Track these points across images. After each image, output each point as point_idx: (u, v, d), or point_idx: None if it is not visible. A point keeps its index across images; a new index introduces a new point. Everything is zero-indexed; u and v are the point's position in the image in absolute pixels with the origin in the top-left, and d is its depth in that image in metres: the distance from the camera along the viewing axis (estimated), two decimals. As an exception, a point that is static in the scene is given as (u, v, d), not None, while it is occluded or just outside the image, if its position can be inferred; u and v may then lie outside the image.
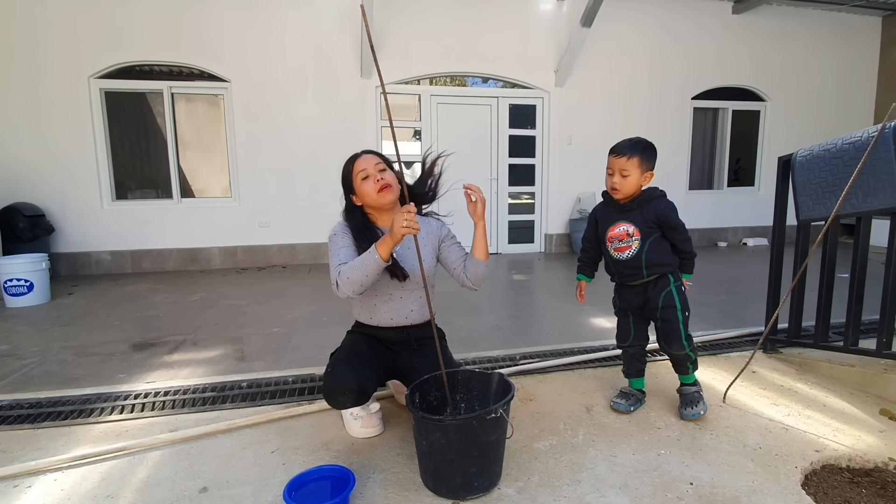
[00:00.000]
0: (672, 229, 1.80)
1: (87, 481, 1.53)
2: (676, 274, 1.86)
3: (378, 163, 1.76)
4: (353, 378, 1.64)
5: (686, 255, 1.85)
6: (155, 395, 2.14)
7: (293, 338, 2.95)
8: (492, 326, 3.14)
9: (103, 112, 5.18)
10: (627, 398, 1.92)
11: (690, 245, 1.86)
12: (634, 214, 1.81)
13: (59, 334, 3.11)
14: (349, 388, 1.63)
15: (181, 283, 4.67)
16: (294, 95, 5.51)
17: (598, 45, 6.10)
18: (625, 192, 1.78)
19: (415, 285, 1.79)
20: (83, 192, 5.14)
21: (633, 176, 1.75)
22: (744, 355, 2.45)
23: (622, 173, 1.76)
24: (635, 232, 1.80)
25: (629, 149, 1.75)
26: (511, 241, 6.49)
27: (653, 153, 1.77)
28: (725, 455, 1.59)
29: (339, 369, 1.67)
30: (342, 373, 1.66)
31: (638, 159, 1.74)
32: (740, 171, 7.38)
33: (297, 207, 5.65)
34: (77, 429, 1.87)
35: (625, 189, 1.77)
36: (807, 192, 2.24)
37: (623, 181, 1.76)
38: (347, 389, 1.63)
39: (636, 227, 1.80)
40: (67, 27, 4.91)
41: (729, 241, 7.03)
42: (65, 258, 5.12)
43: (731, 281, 4.52)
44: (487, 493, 1.41)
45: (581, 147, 6.29)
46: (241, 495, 1.43)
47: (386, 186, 1.72)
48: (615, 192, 1.80)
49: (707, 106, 6.83)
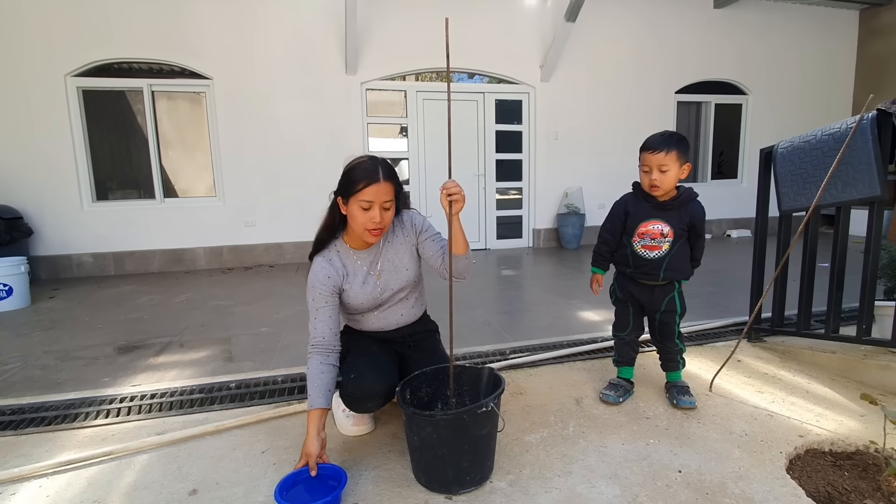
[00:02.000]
0: (699, 235, 1.84)
1: (72, 487, 1.50)
2: (679, 280, 1.90)
3: (388, 200, 1.54)
4: (381, 383, 1.60)
5: (697, 262, 1.90)
6: (141, 398, 2.10)
7: (282, 337, 2.93)
8: (482, 322, 3.14)
9: (81, 111, 5.06)
10: (616, 389, 1.94)
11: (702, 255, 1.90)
12: (672, 215, 1.79)
13: (41, 339, 3.04)
14: (379, 393, 1.60)
15: (166, 285, 4.60)
16: (278, 92, 5.44)
17: (583, 40, 6.12)
18: (665, 187, 1.75)
19: (402, 294, 1.75)
20: (62, 194, 5.02)
21: (672, 170, 1.72)
22: (729, 345, 2.49)
23: (661, 168, 1.72)
24: (670, 233, 1.79)
25: (664, 143, 1.72)
26: (499, 236, 6.50)
27: (687, 145, 1.76)
28: (712, 442, 1.62)
29: (366, 376, 1.61)
30: (370, 379, 1.60)
31: (676, 153, 1.72)
32: (723, 164, 7.49)
33: (283, 206, 5.58)
34: (61, 434, 1.83)
35: (665, 184, 1.74)
36: (788, 182, 2.28)
37: (663, 177, 1.73)
38: (377, 395, 1.60)
39: (671, 228, 1.79)
40: (42, 24, 4.78)
41: (713, 233, 7.13)
42: (44, 261, 5.01)
43: (716, 272, 4.59)
44: (479, 486, 1.41)
45: (567, 142, 6.31)
46: (232, 496, 1.42)
47: (378, 231, 1.56)
48: (655, 190, 1.76)
49: (690, 100, 6.91)
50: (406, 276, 1.71)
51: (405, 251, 1.72)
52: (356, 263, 1.68)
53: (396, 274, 1.70)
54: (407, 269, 1.71)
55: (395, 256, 1.71)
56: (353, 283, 1.66)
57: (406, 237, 1.72)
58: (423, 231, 1.71)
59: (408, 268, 1.72)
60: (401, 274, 1.71)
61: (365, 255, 1.69)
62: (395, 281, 1.70)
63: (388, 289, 1.70)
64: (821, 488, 1.43)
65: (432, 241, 1.70)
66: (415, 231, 1.72)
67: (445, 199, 1.45)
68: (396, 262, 1.70)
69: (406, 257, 1.72)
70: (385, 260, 1.70)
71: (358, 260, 1.68)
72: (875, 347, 2.14)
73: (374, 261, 1.69)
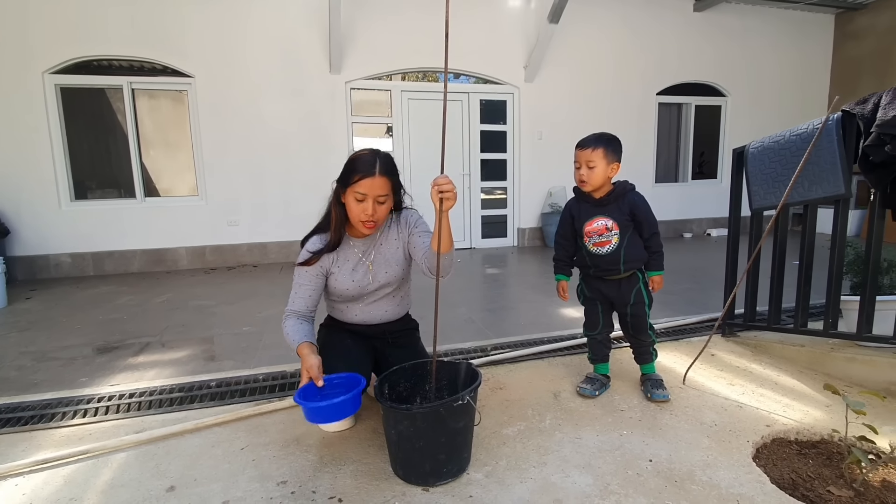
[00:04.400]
0: (644, 222, 1.86)
1: (49, 485, 1.49)
2: (643, 271, 1.93)
3: (383, 195, 1.59)
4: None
5: (655, 249, 1.89)
6: (119, 397, 2.09)
7: (263, 336, 2.92)
8: (465, 319, 3.17)
9: (59, 109, 4.96)
10: (593, 383, 1.98)
11: (659, 240, 1.91)
12: (612, 208, 1.86)
13: (17, 340, 2.99)
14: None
15: (146, 285, 4.54)
16: (261, 91, 5.41)
17: (566, 42, 6.20)
18: (592, 183, 1.83)
19: (388, 287, 1.80)
20: (39, 193, 4.93)
21: (599, 167, 1.81)
22: (704, 340, 2.54)
23: (588, 164, 1.81)
24: (614, 226, 1.85)
25: (594, 141, 1.82)
26: (484, 235, 6.54)
27: (617, 145, 1.84)
28: (683, 433, 1.67)
29: (336, 368, 1.65)
30: (340, 371, 1.64)
31: (602, 150, 1.80)
32: (704, 164, 7.64)
33: (267, 205, 5.55)
34: (37, 434, 1.82)
35: (592, 180, 1.82)
36: (758, 181, 2.35)
37: (590, 172, 1.81)
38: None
39: (615, 221, 1.85)
40: (19, 20, 4.69)
41: (694, 231, 7.27)
42: (21, 262, 4.91)
43: (695, 270, 4.68)
44: (456, 478, 1.44)
45: (551, 142, 6.39)
46: (210, 492, 1.42)
47: (371, 224, 1.62)
48: (584, 185, 1.86)
49: (671, 101, 7.04)
50: (395, 272, 1.76)
51: (398, 247, 1.77)
52: (352, 250, 1.73)
53: (387, 267, 1.75)
54: (397, 264, 1.76)
55: (388, 251, 1.76)
56: (342, 267, 1.71)
57: (400, 234, 1.77)
58: (415, 226, 1.76)
59: (398, 263, 1.77)
60: (391, 268, 1.75)
61: (361, 244, 1.75)
62: (383, 274, 1.75)
63: (377, 280, 1.74)
64: (785, 475, 1.48)
65: (420, 235, 1.74)
66: (408, 227, 1.77)
67: (436, 196, 1.44)
68: (388, 257, 1.76)
69: (399, 254, 1.77)
70: (378, 252, 1.76)
71: (354, 247, 1.74)
72: (841, 341, 2.21)
73: (367, 251, 1.75)
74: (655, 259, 1.91)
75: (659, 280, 1.93)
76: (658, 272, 1.92)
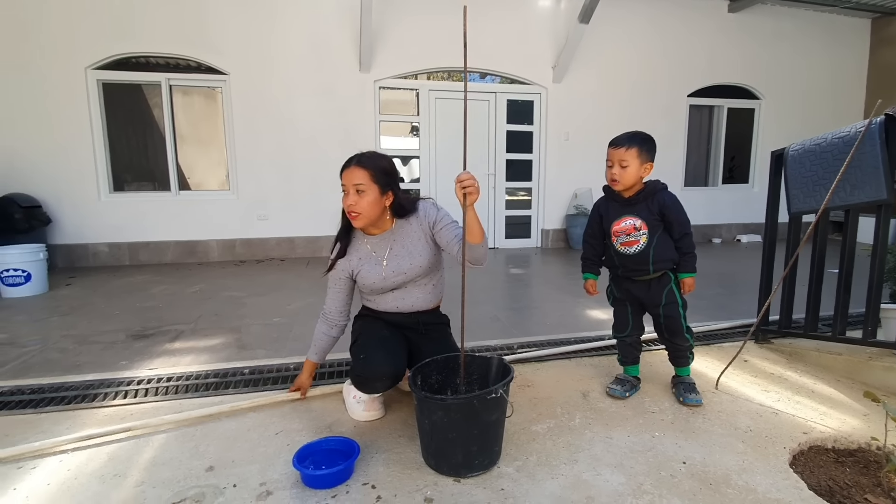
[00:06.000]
0: (674, 222, 1.81)
1: (93, 462, 1.55)
2: (675, 271, 1.88)
3: (358, 183, 1.65)
4: (389, 364, 1.68)
5: (686, 251, 1.84)
6: (158, 380, 2.16)
7: (293, 328, 2.98)
8: (490, 317, 3.18)
9: (101, 103, 5.16)
10: (623, 384, 1.97)
11: (691, 241, 1.85)
12: (640, 208, 1.83)
13: (59, 324, 3.12)
14: (386, 374, 1.67)
15: (180, 276, 4.68)
16: (293, 89, 5.51)
17: (596, 42, 6.14)
18: (624, 182, 1.81)
19: (418, 278, 1.83)
20: (80, 184, 5.13)
21: (632, 166, 1.79)
22: (736, 345, 2.50)
23: (621, 164, 1.79)
24: (642, 226, 1.82)
25: (627, 140, 1.80)
26: (508, 236, 6.53)
27: (651, 145, 1.81)
28: (717, 437, 1.65)
29: (374, 356, 1.69)
30: (378, 360, 1.68)
31: (636, 150, 1.78)
32: (735, 169, 7.47)
33: (295, 201, 5.66)
34: (81, 413, 1.89)
35: (624, 180, 1.80)
36: (798, 185, 2.29)
37: (622, 172, 1.80)
38: (385, 375, 1.67)
39: (643, 221, 1.82)
40: (63, 17, 4.89)
41: (723, 237, 7.11)
42: (61, 250, 5.11)
43: (724, 275, 4.59)
44: (487, 471, 1.45)
45: (578, 143, 6.34)
46: (248, 473, 1.47)
47: (355, 214, 1.67)
48: (615, 184, 1.83)
49: (702, 103, 6.91)
50: (419, 262, 1.79)
51: (419, 238, 1.80)
52: (366, 247, 1.81)
53: (409, 259, 1.79)
54: (420, 255, 1.79)
55: (410, 243, 1.80)
56: (365, 265, 1.80)
57: (420, 226, 1.80)
58: (438, 221, 1.78)
59: (421, 254, 1.79)
60: (414, 259, 1.79)
61: (377, 241, 1.80)
62: (406, 265, 1.78)
63: (400, 272, 1.78)
64: (823, 483, 1.45)
65: (447, 229, 1.77)
66: (429, 222, 1.79)
67: (460, 191, 1.50)
68: (410, 248, 1.80)
69: (420, 244, 1.80)
70: (399, 246, 1.80)
71: (368, 244, 1.81)
72: (880, 349, 2.15)
73: (384, 246, 1.80)
74: (686, 260, 1.85)
75: (690, 282, 1.87)
76: (689, 274, 1.86)
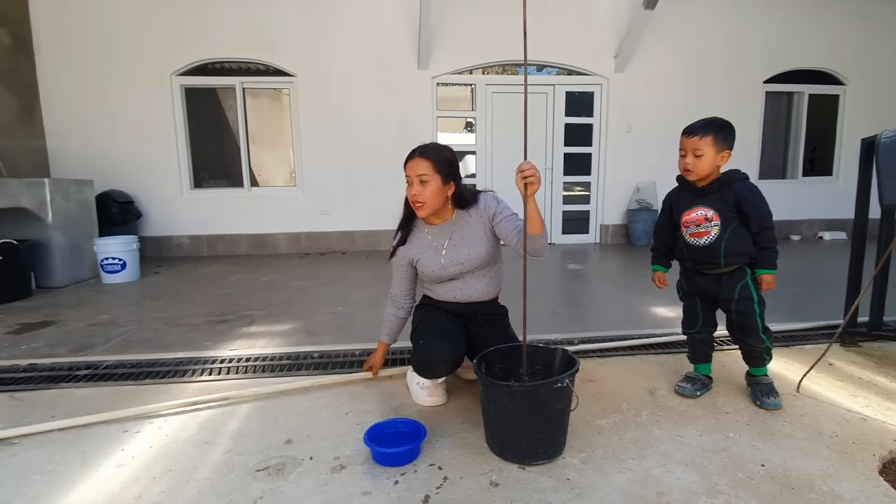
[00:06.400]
0: (752, 215, 1.70)
1: (186, 429, 1.71)
2: (752, 267, 1.76)
3: (422, 174, 1.71)
4: (448, 351, 1.74)
5: (765, 245, 1.71)
6: (238, 360, 2.34)
7: (357, 316, 3.11)
8: (549, 312, 3.15)
9: (183, 107, 5.60)
10: (693, 383, 1.89)
11: (772, 235, 1.72)
12: (714, 198, 1.74)
13: (151, 307, 3.44)
14: (445, 359, 1.73)
15: (252, 266, 5.00)
16: (354, 88, 5.71)
17: (662, 28, 5.87)
18: (699, 172, 1.73)
19: (476, 269, 1.86)
20: (166, 181, 5.61)
21: (706, 156, 1.70)
22: (819, 348, 2.32)
23: (695, 153, 1.71)
24: (714, 216, 1.73)
25: (702, 128, 1.71)
26: (565, 231, 6.42)
27: (729, 131, 1.72)
28: (799, 441, 1.55)
29: (434, 343, 1.76)
30: (437, 346, 1.75)
31: (712, 138, 1.69)
32: (816, 160, 6.89)
33: (355, 196, 5.87)
34: (173, 386, 2.09)
35: (699, 170, 1.72)
36: (891, 175, 2.09)
37: (696, 161, 1.71)
38: (443, 361, 1.73)
39: (715, 212, 1.73)
40: (150, 30, 5.35)
41: (803, 234, 6.60)
42: (149, 241, 5.61)
43: (805, 274, 4.26)
44: (552, 460, 1.46)
45: (641, 135, 6.10)
46: (322, 448, 1.56)
47: (419, 204, 1.73)
48: (689, 174, 1.76)
49: (781, 90, 6.43)
50: (478, 253, 1.83)
51: (479, 230, 1.84)
52: (427, 237, 1.88)
53: (468, 250, 1.83)
54: (479, 245, 1.83)
55: (469, 234, 1.84)
56: (424, 254, 1.87)
57: (480, 218, 1.84)
58: (498, 213, 1.81)
59: (480, 245, 1.83)
60: (473, 250, 1.83)
61: (437, 231, 1.87)
62: (465, 256, 1.83)
63: (458, 262, 1.83)
64: (921, 495, 1.33)
65: (506, 221, 1.79)
66: (488, 214, 1.82)
67: (521, 182, 1.50)
68: (469, 239, 1.84)
69: (479, 235, 1.83)
70: (458, 236, 1.84)
71: (429, 234, 1.88)
72: None
73: (444, 236, 1.86)
74: (765, 256, 1.72)
75: (769, 279, 1.73)
76: (768, 271, 1.72)
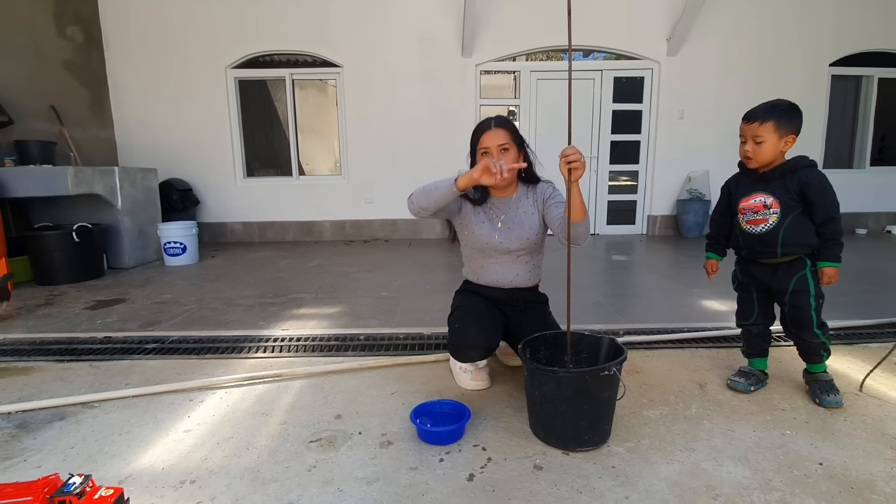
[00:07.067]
0: (816, 204, 1.61)
1: (245, 401, 1.83)
2: (813, 258, 1.68)
3: (502, 143, 1.74)
4: (482, 335, 1.78)
5: (829, 237, 1.62)
6: (290, 340, 2.46)
7: (400, 302, 3.18)
8: (592, 303, 3.11)
9: (237, 98, 5.84)
10: (747, 377, 1.83)
11: (837, 226, 1.62)
12: (776, 185, 1.67)
13: (209, 288, 3.65)
14: (480, 344, 1.77)
15: (300, 252, 5.20)
16: (398, 77, 5.76)
17: (719, 9, 5.57)
18: (760, 160, 1.66)
19: (521, 251, 1.88)
20: (222, 170, 5.89)
21: (768, 142, 1.63)
22: (885, 346, 2.18)
23: (755, 140, 1.64)
24: (774, 204, 1.66)
25: (763, 113, 1.63)
26: (610, 222, 6.27)
27: (793, 115, 1.63)
28: (860, 441, 1.48)
29: (469, 327, 1.80)
30: (473, 330, 1.79)
31: (773, 123, 1.61)
32: (886, 149, 6.37)
33: (398, 184, 5.95)
34: (232, 361, 2.22)
35: (760, 157, 1.65)
36: None
37: (757, 148, 1.64)
38: (478, 345, 1.77)
39: (775, 199, 1.66)
40: (206, 26, 5.59)
41: (870, 228, 6.15)
42: (206, 227, 5.92)
43: (871, 270, 3.99)
44: (597, 448, 1.46)
45: (694, 122, 5.84)
46: (370, 424, 1.63)
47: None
48: (749, 162, 1.69)
49: (848, 73, 5.97)
50: (528, 235, 1.85)
51: (533, 213, 1.87)
52: (489, 205, 1.89)
53: (520, 230, 1.85)
54: (531, 228, 1.85)
55: (524, 215, 1.87)
56: (477, 215, 1.88)
57: (535, 202, 1.87)
58: (550, 197, 1.85)
59: (531, 228, 1.85)
60: (524, 231, 1.85)
61: (497, 203, 1.89)
62: (515, 235, 1.85)
63: (509, 238, 1.85)
64: None
65: (556, 206, 1.81)
66: (543, 198, 1.85)
67: (565, 167, 1.49)
68: (523, 220, 1.86)
69: (533, 219, 1.86)
70: (514, 214, 1.87)
71: (490, 204, 1.89)
72: None
73: (502, 209, 1.88)
74: (829, 248, 1.63)
75: (832, 273, 1.63)
76: (831, 263, 1.63)
